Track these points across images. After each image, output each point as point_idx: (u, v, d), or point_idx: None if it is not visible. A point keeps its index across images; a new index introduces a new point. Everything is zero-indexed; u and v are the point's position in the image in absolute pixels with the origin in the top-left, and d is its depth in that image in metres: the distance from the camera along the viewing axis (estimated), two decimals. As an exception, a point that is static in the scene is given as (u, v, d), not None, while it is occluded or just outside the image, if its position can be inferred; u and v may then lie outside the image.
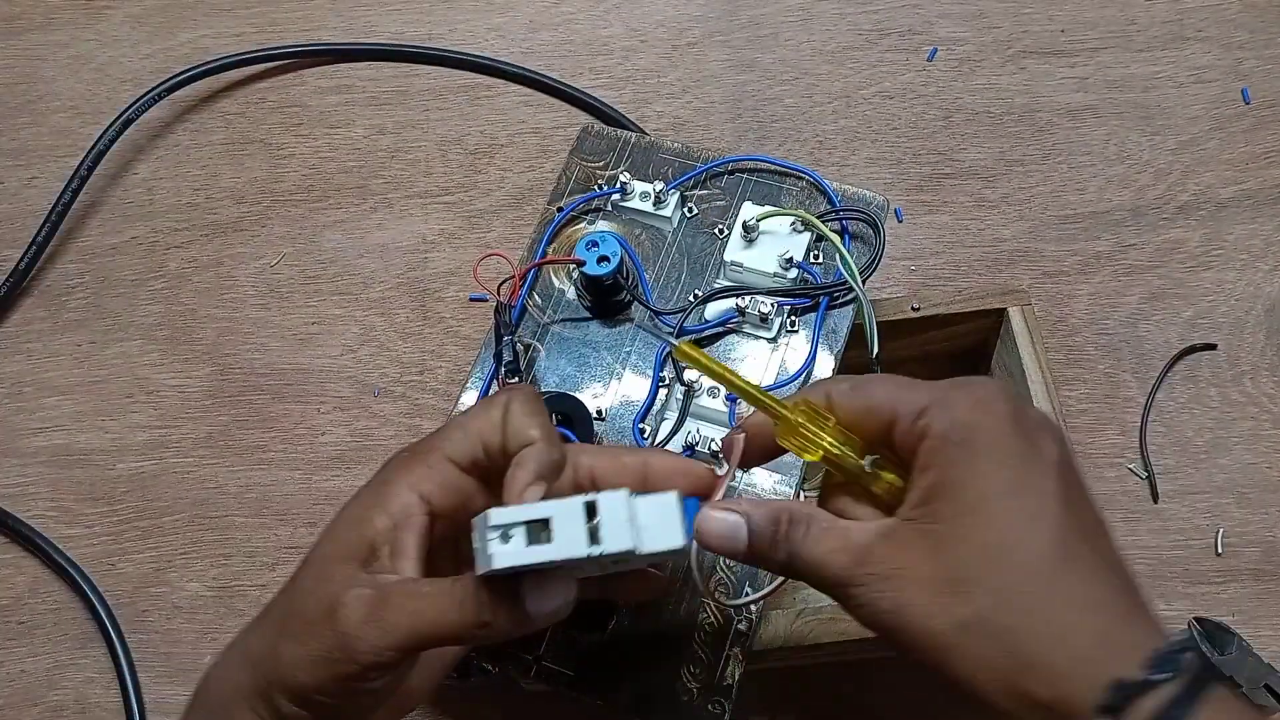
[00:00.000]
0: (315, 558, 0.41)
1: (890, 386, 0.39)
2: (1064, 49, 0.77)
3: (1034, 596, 0.34)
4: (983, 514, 0.35)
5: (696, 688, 0.48)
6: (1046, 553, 0.34)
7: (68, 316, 0.74)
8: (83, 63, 0.82)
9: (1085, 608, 0.34)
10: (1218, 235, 0.71)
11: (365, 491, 0.42)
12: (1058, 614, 0.34)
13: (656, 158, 0.60)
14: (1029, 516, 0.35)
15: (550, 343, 0.56)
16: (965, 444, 0.36)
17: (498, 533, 0.36)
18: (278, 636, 0.39)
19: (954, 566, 0.35)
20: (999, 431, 0.36)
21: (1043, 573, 0.34)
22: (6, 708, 0.63)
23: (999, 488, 0.35)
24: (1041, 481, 0.36)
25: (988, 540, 0.35)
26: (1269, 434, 0.66)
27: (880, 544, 0.36)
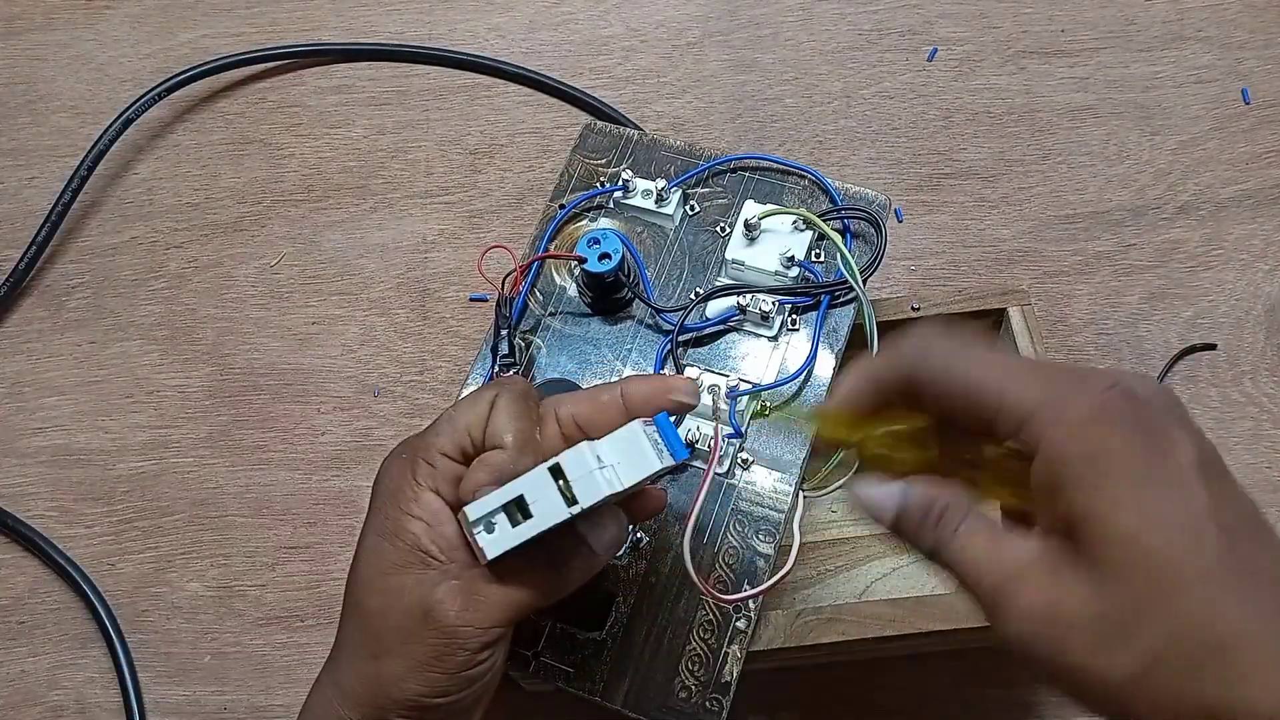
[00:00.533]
0: (366, 580, 0.42)
1: (989, 369, 0.35)
2: (1064, 49, 0.77)
3: (1219, 632, 0.30)
4: (1138, 547, 0.31)
5: (695, 685, 0.48)
6: (1216, 577, 0.31)
7: (68, 316, 0.74)
8: (83, 63, 0.82)
9: (1269, 622, 0.31)
10: (1218, 235, 0.71)
11: (384, 507, 0.42)
12: (1250, 645, 0.30)
13: (659, 155, 0.60)
14: (1189, 541, 0.31)
15: (551, 339, 0.56)
16: (1093, 466, 0.32)
17: (480, 525, 0.39)
18: (372, 661, 0.41)
19: (1118, 608, 0.31)
20: (1130, 452, 0.32)
21: (1217, 600, 0.31)
22: (6, 708, 0.63)
23: (1148, 519, 0.31)
24: (1190, 499, 0.32)
25: (1150, 576, 0.31)
26: (1269, 434, 0.66)
27: (1032, 572, 0.33)
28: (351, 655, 0.42)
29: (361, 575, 0.42)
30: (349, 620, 0.43)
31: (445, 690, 0.41)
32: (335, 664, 0.43)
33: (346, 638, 0.43)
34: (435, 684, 0.40)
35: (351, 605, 0.43)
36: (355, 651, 0.42)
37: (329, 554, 0.66)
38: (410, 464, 0.42)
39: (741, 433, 0.52)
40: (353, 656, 0.42)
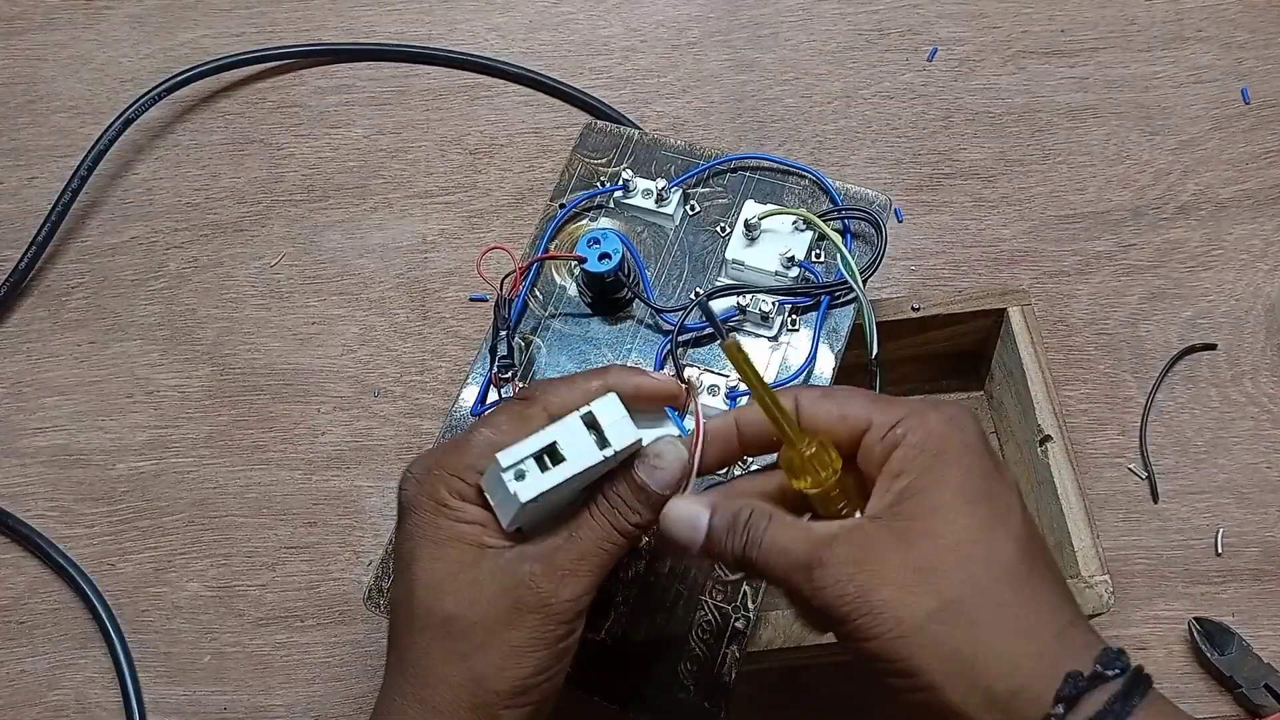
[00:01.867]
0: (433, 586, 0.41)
1: (865, 399, 0.41)
2: (1064, 49, 0.77)
3: (1001, 592, 0.36)
4: (954, 513, 0.37)
5: (693, 685, 0.48)
6: (1013, 555, 0.36)
7: (68, 316, 0.74)
8: (83, 63, 0.82)
9: (1044, 609, 0.36)
10: (1218, 235, 0.71)
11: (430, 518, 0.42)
12: (1023, 610, 0.36)
13: (659, 155, 0.60)
14: (997, 520, 0.37)
15: (551, 339, 0.56)
16: (939, 454, 0.38)
17: (511, 472, 0.40)
18: (464, 663, 0.40)
19: (925, 557, 0.36)
20: (970, 446, 0.38)
21: (1009, 572, 0.36)
22: (6, 708, 0.63)
23: (969, 493, 0.37)
24: (1006, 495, 0.38)
25: (959, 537, 0.37)
26: (1269, 434, 0.66)
27: (846, 536, 0.38)
28: (436, 668, 0.41)
29: (425, 584, 0.41)
30: (421, 635, 0.41)
31: (547, 666, 0.41)
32: (414, 686, 0.41)
33: (423, 653, 0.41)
34: (539, 663, 0.40)
35: (420, 619, 0.41)
36: (440, 662, 0.41)
37: (329, 554, 0.66)
38: (444, 480, 0.42)
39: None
40: (438, 668, 0.41)
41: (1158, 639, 0.61)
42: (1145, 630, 0.62)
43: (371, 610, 0.51)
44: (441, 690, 0.41)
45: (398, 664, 0.42)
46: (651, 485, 0.41)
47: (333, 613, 0.64)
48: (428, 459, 0.44)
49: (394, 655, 0.43)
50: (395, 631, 0.43)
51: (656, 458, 0.42)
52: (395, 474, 0.67)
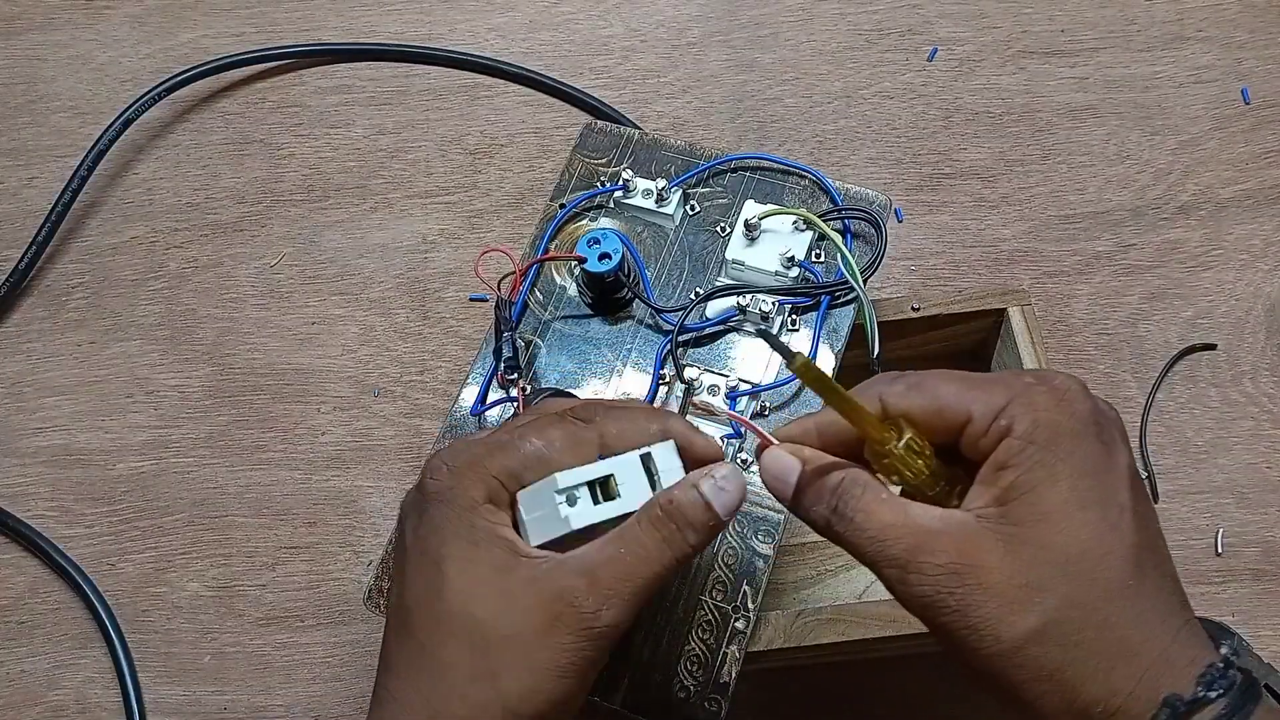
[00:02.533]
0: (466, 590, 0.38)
1: (957, 385, 0.37)
2: (1064, 49, 0.77)
3: (1107, 612, 0.34)
4: (1063, 522, 0.34)
5: (694, 685, 0.48)
6: (1122, 568, 0.34)
7: (68, 316, 0.74)
8: (83, 63, 0.82)
9: (1151, 625, 0.34)
10: (1218, 235, 0.71)
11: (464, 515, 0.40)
12: (1128, 631, 0.34)
13: (659, 155, 0.60)
14: (1108, 528, 0.34)
15: (551, 339, 0.56)
16: (1049, 445, 0.35)
17: (564, 496, 0.39)
18: (492, 682, 0.37)
19: (1030, 571, 0.34)
20: (1081, 435, 0.35)
21: (1117, 588, 0.34)
22: (6, 708, 0.63)
23: (1080, 497, 0.35)
24: (1118, 493, 0.35)
25: (1068, 550, 0.34)
26: (1269, 434, 0.66)
27: (948, 535, 0.35)
28: (459, 682, 0.38)
29: (458, 588, 0.38)
30: (445, 645, 0.38)
31: (573, 694, 0.38)
32: (423, 697, 0.38)
33: (448, 666, 0.38)
34: (567, 689, 0.38)
35: (446, 628, 0.38)
36: (464, 677, 0.38)
37: (329, 554, 0.66)
38: (485, 480, 0.40)
39: (740, 433, 0.52)
40: (460, 684, 0.38)
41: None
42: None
43: (371, 610, 0.51)
44: (455, 706, 0.38)
45: (406, 671, 0.39)
46: (716, 506, 0.39)
47: (333, 613, 0.64)
48: (466, 453, 0.41)
49: (401, 661, 0.40)
50: (408, 634, 0.39)
51: (724, 479, 0.39)
52: (395, 474, 0.67)
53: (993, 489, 0.35)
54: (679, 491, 0.39)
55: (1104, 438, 0.36)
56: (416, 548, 0.40)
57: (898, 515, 0.36)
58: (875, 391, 0.38)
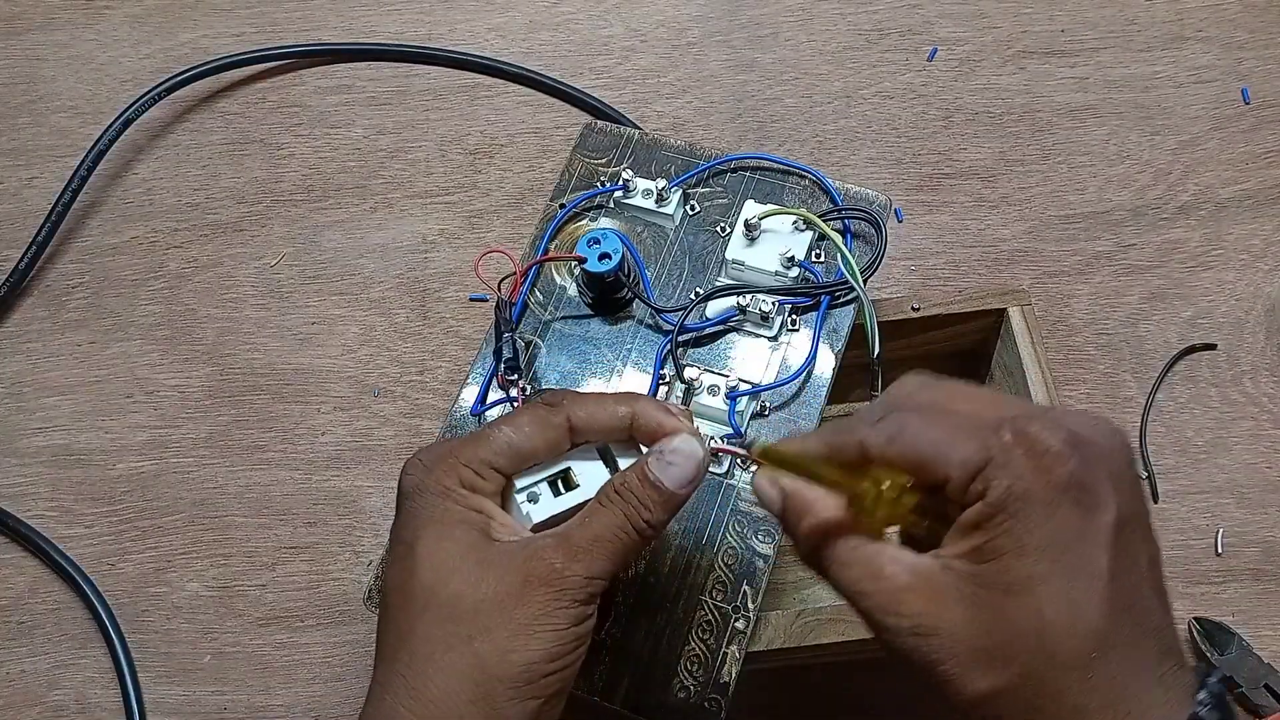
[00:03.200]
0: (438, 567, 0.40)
1: (937, 434, 0.36)
2: (1064, 49, 0.77)
3: (1062, 686, 0.34)
4: (1025, 595, 0.34)
5: (693, 685, 0.48)
6: (1080, 645, 0.34)
7: (68, 316, 0.74)
8: (83, 63, 0.82)
9: (1111, 697, 0.34)
10: (1218, 235, 0.71)
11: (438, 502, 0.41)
12: (1084, 700, 0.34)
13: (659, 155, 0.60)
14: (1069, 604, 0.34)
15: (551, 339, 0.56)
16: (1019, 517, 0.35)
17: (524, 494, 0.42)
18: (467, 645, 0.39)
19: (988, 639, 0.35)
20: (1055, 505, 0.35)
21: (1074, 664, 0.34)
22: (6, 708, 0.63)
23: (1045, 570, 0.34)
24: (1092, 562, 0.34)
25: (1026, 624, 0.34)
26: (1269, 434, 0.66)
27: (915, 592, 0.36)
28: (435, 655, 0.39)
29: (429, 564, 0.40)
30: (420, 619, 0.39)
31: (557, 654, 0.39)
32: (407, 679, 0.39)
33: (421, 639, 0.39)
34: (547, 644, 0.39)
35: (419, 600, 0.39)
36: (440, 648, 0.39)
37: (329, 554, 0.66)
38: (456, 469, 0.42)
39: (741, 433, 0.52)
40: (437, 655, 0.39)
41: (1158, 639, 0.61)
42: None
43: (371, 610, 0.51)
44: (439, 681, 0.38)
45: (390, 656, 0.40)
46: (665, 482, 0.40)
47: (333, 613, 0.64)
48: (438, 449, 0.43)
49: (386, 647, 0.40)
50: (388, 620, 0.41)
51: (672, 453, 0.41)
52: (395, 474, 0.66)
53: (966, 542, 0.36)
54: (630, 471, 0.41)
55: (1084, 501, 0.35)
56: (394, 537, 0.42)
57: (868, 570, 0.37)
58: (858, 439, 0.38)
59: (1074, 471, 0.35)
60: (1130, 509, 0.35)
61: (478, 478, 0.41)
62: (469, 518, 0.41)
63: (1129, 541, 0.35)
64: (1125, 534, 0.35)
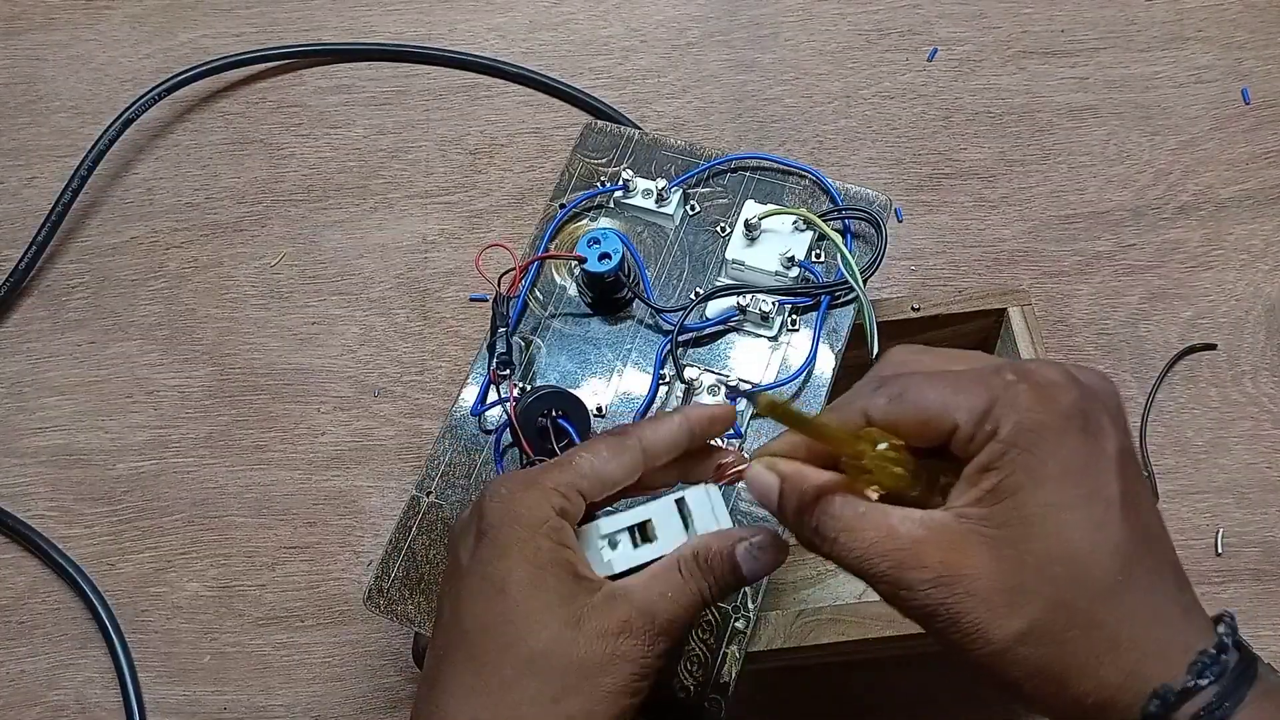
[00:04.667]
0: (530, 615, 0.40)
1: (940, 390, 0.36)
2: (1064, 49, 0.77)
3: (1093, 612, 0.34)
4: (1047, 524, 0.34)
5: (694, 685, 0.48)
6: (1108, 566, 0.34)
7: (68, 316, 0.74)
8: (83, 63, 0.82)
9: (1140, 620, 0.34)
10: (1218, 235, 0.71)
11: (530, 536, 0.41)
12: (1115, 629, 0.34)
13: (659, 155, 0.60)
14: (1093, 527, 0.34)
15: (551, 339, 0.56)
16: (1030, 449, 0.35)
17: (605, 540, 0.43)
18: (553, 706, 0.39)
19: (1015, 576, 0.34)
20: (1065, 432, 0.35)
21: (1103, 587, 0.34)
22: (6, 708, 0.63)
23: (1064, 498, 0.34)
24: (1106, 487, 0.35)
25: (1051, 553, 0.34)
26: (1269, 434, 0.66)
27: (932, 544, 0.35)
28: (522, 703, 0.39)
29: (523, 613, 0.39)
30: (506, 666, 0.39)
31: (624, 717, 0.40)
32: (484, 716, 0.39)
33: (509, 685, 0.39)
34: (620, 714, 0.39)
35: (507, 650, 0.39)
36: (526, 701, 0.39)
37: (329, 554, 0.66)
38: (547, 495, 0.41)
39: (741, 433, 0.52)
40: (525, 705, 0.39)
41: (1158, 639, 0.61)
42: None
43: (371, 610, 0.51)
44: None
45: (465, 691, 0.40)
46: (744, 570, 0.41)
47: (333, 613, 0.64)
48: (521, 476, 0.42)
49: (461, 679, 0.40)
50: (469, 655, 0.40)
51: (760, 548, 0.41)
52: (395, 474, 0.67)
53: (977, 489, 0.35)
54: (716, 546, 0.41)
55: (1090, 428, 0.35)
56: (478, 571, 0.41)
57: (879, 530, 0.36)
58: (859, 406, 0.38)
59: (1078, 399, 0.35)
60: (1129, 443, 0.36)
61: (566, 502, 0.41)
62: (560, 557, 0.40)
63: (1134, 472, 0.36)
64: (1130, 464, 0.36)
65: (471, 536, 0.42)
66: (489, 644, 0.40)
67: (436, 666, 0.41)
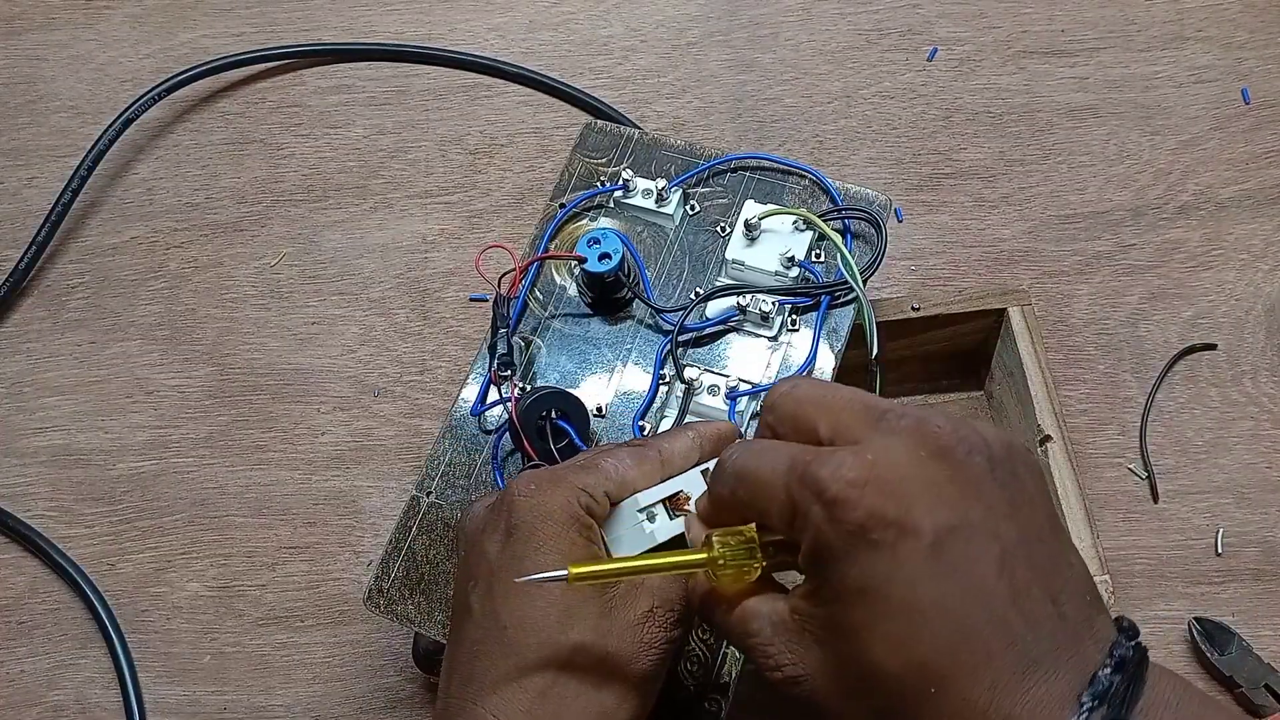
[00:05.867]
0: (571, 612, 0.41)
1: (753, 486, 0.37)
2: (1064, 49, 0.77)
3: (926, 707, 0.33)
4: (855, 642, 0.34)
5: (694, 685, 0.48)
6: (917, 682, 0.33)
7: (68, 316, 0.74)
8: (83, 63, 0.82)
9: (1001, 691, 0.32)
10: (1218, 235, 0.71)
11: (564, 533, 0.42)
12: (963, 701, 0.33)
13: (659, 155, 0.60)
14: (893, 647, 0.33)
15: (551, 339, 0.56)
16: (826, 568, 0.34)
17: (644, 514, 0.44)
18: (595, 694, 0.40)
19: (848, 681, 0.35)
20: (852, 551, 0.34)
21: (918, 699, 0.33)
22: (6, 708, 0.63)
23: (863, 616, 0.34)
24: (905, 598, 0.33)
25: (864, 670, 0.34)
26: (1269, 434, 0.66)
27: (780, 644, 0.37)
28: (566, 697, 0.40)
29: (561, 607, 0.40)
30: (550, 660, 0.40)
31: (651, 705, 0.42)
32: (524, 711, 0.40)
33: (551, 679, 0.40)
34: (647, 698, 0.41)
35: (549, 643, 0.40)
36: (571, 693, 0.40)
37: (329, 554, 0.66)
38: (577, 494, 0.42)
39: (741, 434, 0.52)
40: (569, 698, 0.40)
41: (1158, 639, 0.61)
42: (1145, 630, 0.60)
43: (371, 610, 0.51)
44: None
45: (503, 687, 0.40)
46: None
47: (333, 613, 0.64)
48: (549, 474, 0.43)
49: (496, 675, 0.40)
50: (507, 651, 0.40)
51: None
52: (395, 474, 0.67)
53: (807, 584, 0.36)
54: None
55: (886, 538, 0.33)
56: (511, 566, 0.41)
57: (742, 631, 0.38)
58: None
59: (866, 513, 0.33)
60: (957, 517, 0.33)
61: (593, 502, 0.42)
62: (590, 552, 0.42)
63: (957, 556, 0.33)
64: (949, 549, 0.33)
65: (499, 533, 0.42)
66: (528, 638, 0.40)
67: (470, 662, 0.41)
